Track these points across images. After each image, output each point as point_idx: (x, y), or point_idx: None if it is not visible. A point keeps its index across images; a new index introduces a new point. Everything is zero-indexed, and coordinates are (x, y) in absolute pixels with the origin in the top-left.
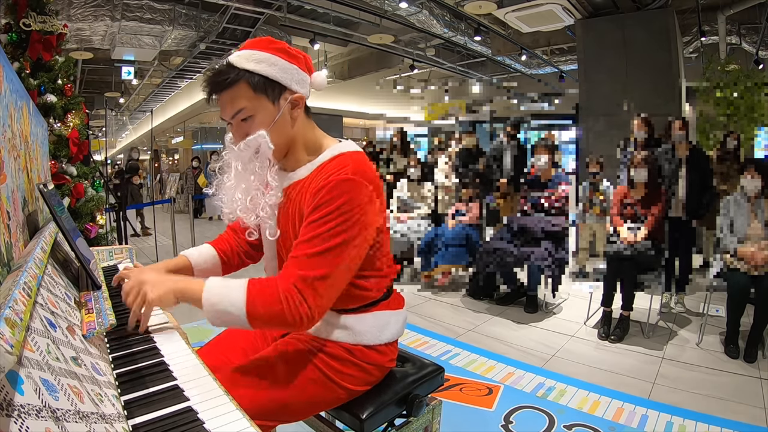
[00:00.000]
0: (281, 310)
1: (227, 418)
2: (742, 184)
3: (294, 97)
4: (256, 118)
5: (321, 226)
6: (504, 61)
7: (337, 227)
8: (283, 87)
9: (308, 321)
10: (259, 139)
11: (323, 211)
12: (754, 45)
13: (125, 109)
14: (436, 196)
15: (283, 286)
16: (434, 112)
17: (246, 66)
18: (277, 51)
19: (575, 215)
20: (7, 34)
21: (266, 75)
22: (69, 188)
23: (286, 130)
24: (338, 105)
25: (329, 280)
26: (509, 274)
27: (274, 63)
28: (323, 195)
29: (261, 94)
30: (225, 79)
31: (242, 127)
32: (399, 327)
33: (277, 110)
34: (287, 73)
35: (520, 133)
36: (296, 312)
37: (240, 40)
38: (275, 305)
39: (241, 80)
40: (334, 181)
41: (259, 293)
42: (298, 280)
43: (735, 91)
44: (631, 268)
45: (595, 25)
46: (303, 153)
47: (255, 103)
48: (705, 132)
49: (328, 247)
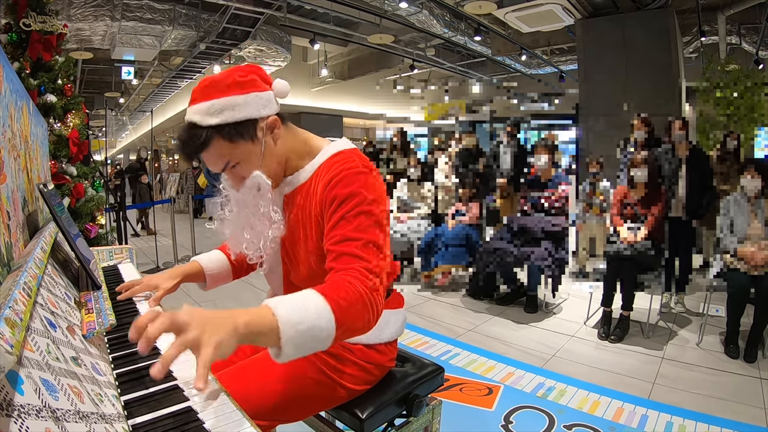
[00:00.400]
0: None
1: (227, 419)
2: (742, 184)
3: (267, 122)
4: (245, 163)
5: (356, 218)
6: (504, 61)
7: (372, 216)
8: (254, 120)
9: (380, 314)
10: (255, 179)
11: (351, 203)
12: (754, 45)
13: (125, 109)
14: (436, 196)
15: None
16: (434, 112)
17: (210, 122)
18: (229, 89)
19: (575, 215)
20: (7, 34)
21: (233, 121)
22: (69, 188)
23: (274, 154)
24: (338, 105)
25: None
26: (509, 274)
27: (233, 106)
28: (344, 188)
29: (238, 140)
30: (197, 142)
31: (235, 173)
32: (399, 326)
33: (259, 144)
34: (250, 106)
35: (520, 133)
36: (375, 305)
37: (240, 40)
38: (358, 303)
39: (213, 139)
40: (351, 174)
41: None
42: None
43: (735, 91)
44: (631, 268)
45: (595, 25)
46: (294, 159)
47: (236, 151)
48: (705, 132)
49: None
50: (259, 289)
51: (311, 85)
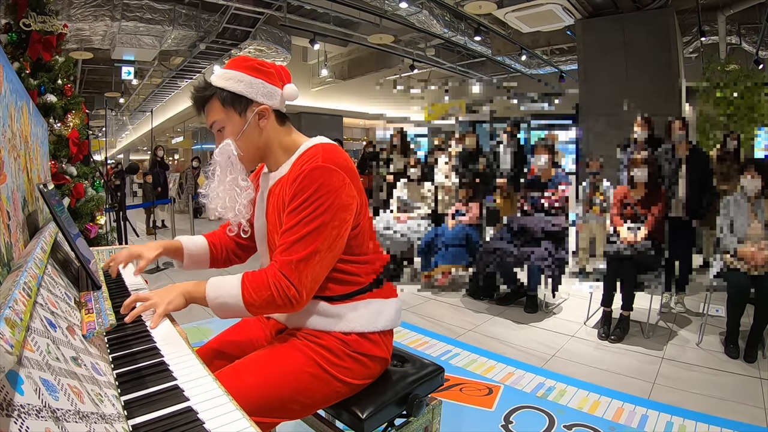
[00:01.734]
0: (271, 295)
1: (227, 418)
2: (742, 184)
3: (260, 108)
4: (227, 129)
5: (299, 214)
6: (504, 61)
7: (314, 212)
8: (250, 100)
9: (297, 302)
10: (226, 147)
11: (299, 200)
12: (754, 45)
13: (125, 109)
14: (436, 196)
15: (270, 273)
16: (434, 112)
17: (218, 83)
18: (246, 69)
19: (575, 215)
20: (7, 34)
21: (233, 90)
22: (69, 188)
23: (255, 138)
24: (338, 105)
25: (311, 261)
26: (509, 274)
27: (240, 80)
28: (297, 184)
29: (229, 107)
30: (201, 96)
31: (219, 136)
32: (393, 315)
33: (244, 121)
34: (253, 88)
35: (520, 133)
36: (284, 295)
37: (240, 40)
38: (265, 291)
39: (214, 96)
40: (307, 170)
41: (251, 282)
42: (283, 266)
43: (735, 91)
44: (631, 268)
45: (595, 25)
46: (281, 154)
47: (224, 116)
48: (705, 132)
49: (307, 231)
50: None
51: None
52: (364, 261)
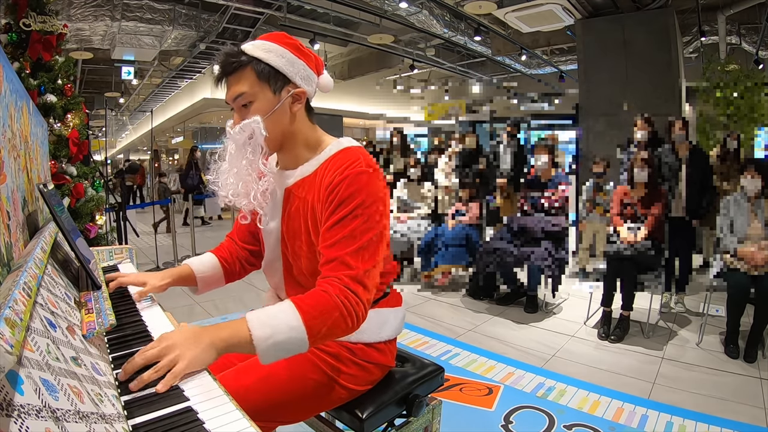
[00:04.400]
0: (340, 316)
1: (227, 418)
2: (742, 184)
3: (296, 91)
4: (255, 104)
5: (352, 221)
6: (504, 61)
7: (368, 221)
8: (287, 80)
9: (362, 319)
10: (253, 124)
11: (349, 207)
12: (754, 45)
13: (125, 109)
14: (436, 196)
15: (335, 290)
16: (434, 112)
17: (255, 53)
18: (288, 45)
19: (575, 215)
20: (7, 34)
21: (272, 64)
22: (69, 188)
23: (284, 122)
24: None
25: (372, 274)
26: (509, 274)
27: (281, 55)
28: (344, 190)
29: (264, 81)
30: (233, 62)
31: (242, 112)
32: (398, 325)
33: (277, 100)
34: (293, 67)
35: (520, 133)
36: (353, 313)
37: (240, 40)
38: (333, 312)
39: (248, 66)
40: (352, 175)
41: (311, 307)
42: (350, 281)
43: (735, 91)
44: (631, 268)
45: (595, 25)
46: (303, 150)
47: (256, 90)
48: (705, 132)
49: (366, 241)
50: (260, 289)
51: None
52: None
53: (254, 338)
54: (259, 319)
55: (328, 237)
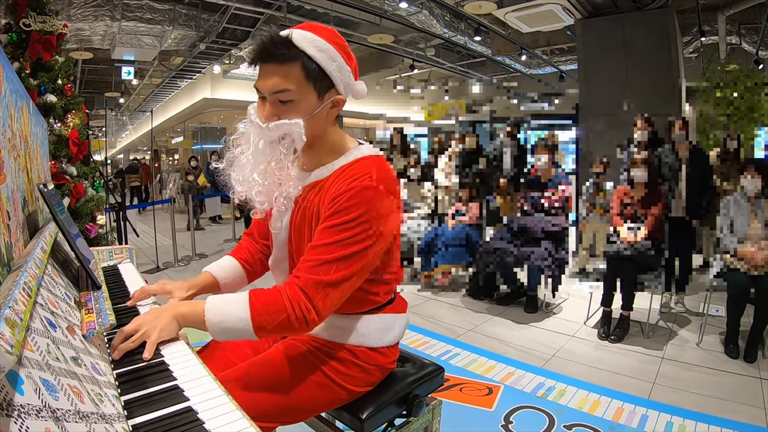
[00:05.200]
0: (287, 318)
1: (227, 418)
2: (742, 184)
3: (338, 98)
4: (298, 105)
5: (340, 233)
6: (504, 61)
7: (357, 236)
8: (332, 84)
9: (313, 325)
10: (294, 126)
11: (344, 218)
12: (754, 45)
13: (125, 109)
14: (436, 196)
15: (290, 292)
16: (434, 112)
17: (307, 49)
18: (339, 47)
19: (575, 215)
20: (7, 34)
21: (323, 67)
22: (69, 188)
23: (318, 126)
24: None
25: (342, 287)
26: (509, 274)
27: (333, 58)
28: (344, 201)
29: (311, 83)
30: (282, 52)
31: (277, 107)
32: (401, 330)
33: (319, 104)
34: (341, 73)
35: (520, 133)
36: (302, 318)
37: (240, 40)
38: (280, 314)
39: (299, 61)
40: (357, 188)
41: (264, 305)
42: (309, 285)
43: (735, 91)
44: (631, 268)
45: (595, 25)
46: (325, 154)
47: (302, 90)
48: (705, 132)
49: (346, 254)
50: None
51: None
52: (386, 281)
53: (206, 321)
54: (215, 304)
55: (315, 239)
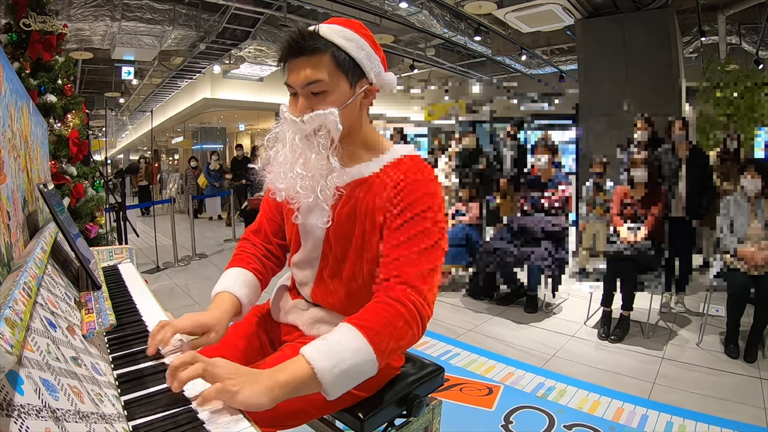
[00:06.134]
0: (405, 321)
1: (228, 418)
2: (742, 184)
3: (370, 87)
4: (331, 95)
5: (420, 223)
6: (504, 61)
7: (435, 225)
8: (363, 74)
9: (427, 321)
10: (329, 116)
11: (418, 209)
12: (754, 45)
13: (125, 109)
14: None
15: (393, 294)
16: (434, 112)
17: (335, 39)
18: (367, 37)
19: (575, 215)
20: (7, 34)
21: (352, 55)
22: (69, 188)
23: (352, 117)
24: None
25: (437, 276)
26: (509, 274)
27: (361, 47)
28: (415, 194)
29: (342, 72)
30: (311, 44)
31: (310, 100)
32: None
33: (351, 94)
34: (371, 61)
35: (520, 133)
36: (416, 316)
37: (240, 40)
38: (397, 320)
39: (328, 51)
40: (424, 180)
41: (372, 322)
42: (412, 278)
43: (735, 91)
44: (631, 268)
45: (595, 25)
46: (361, 149)
47: (334, 80)
48: (705, 132)
49: (431, 243)
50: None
51: None
52: None
53: (317, 370)
54: (317, 350)
55: (393, 238)
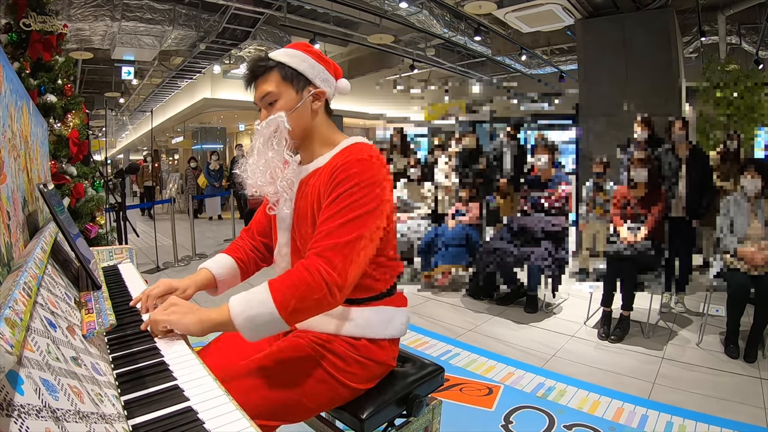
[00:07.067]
0: (308, 287)
1: (227, 418)
2: (742, 184)
3: (316, 91)
4: (280, 102)
5: (345, 200)
6: (504, 61)
7: (362, 199)
8: (308, 81)
9: (339, 290)
10: (278, 119)
11: (345, 186)
12: (754, 45)
13: (125, 109)
14: (436, 196)
15: (306, 262)
16: (434, 112)
17: (280, 58)
18: (310, 52)
19: (575, 215)
20: (7, 34)
21: (295, 67)
22: (69, 188)
23: (305, 118)
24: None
25: (357, 246)
26: (509, 274)
27: (303, 59)
28: (342, 172)
29: (287, 82)
30: (261, 66)
31: (268, 110)
32: (402, 325)
33: (299, 99)
34: (314, 70)
35: (520, 133)
36: (323, 282)
37: (240, 40)
38: (301, 284)
39: (274, 69)
40: (353, 160)
41: (282, 281)
42: (324, 250)
43: (735, 91)
44: (631, 268)
45: (595, 25)
46: (318, 146)
47: (281, 90)
48: (705, 132)
49: (354, 216)
50: None
51: None
52: (386, 264)
53: (231, 313)
54: (237, 298)
55: (323, 214)
